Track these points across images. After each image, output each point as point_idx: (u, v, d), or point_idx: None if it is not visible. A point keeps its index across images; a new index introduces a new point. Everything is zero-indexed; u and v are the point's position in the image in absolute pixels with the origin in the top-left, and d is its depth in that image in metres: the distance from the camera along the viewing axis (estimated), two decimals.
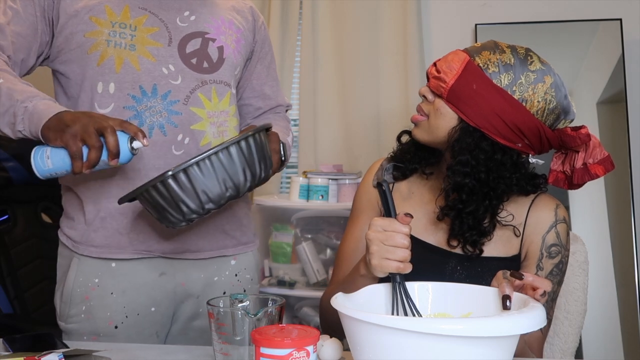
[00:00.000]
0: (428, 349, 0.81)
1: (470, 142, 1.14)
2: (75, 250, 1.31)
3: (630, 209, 2.41)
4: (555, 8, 2.59)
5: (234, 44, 1.39)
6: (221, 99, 1.35)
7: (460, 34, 2.66)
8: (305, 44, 2.71)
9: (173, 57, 1.30)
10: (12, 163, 2.19)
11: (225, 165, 1.07)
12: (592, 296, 2.43)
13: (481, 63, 1.15)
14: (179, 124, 1.28)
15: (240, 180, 1.09)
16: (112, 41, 1.26)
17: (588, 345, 2.38)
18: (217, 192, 1.08)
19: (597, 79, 2.52)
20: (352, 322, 0.87)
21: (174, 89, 1.29)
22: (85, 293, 1.30)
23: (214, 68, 1.34)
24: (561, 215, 1.22)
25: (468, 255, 1.20)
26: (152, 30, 1.29)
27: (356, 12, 2.68)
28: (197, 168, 1.05)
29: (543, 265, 1.18)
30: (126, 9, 1.29)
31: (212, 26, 1.36)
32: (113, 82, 1.26)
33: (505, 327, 0.82)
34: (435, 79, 1.18)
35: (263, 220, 2.53)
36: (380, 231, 1.03)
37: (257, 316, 0.95)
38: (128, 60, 1.26)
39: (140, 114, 1.26)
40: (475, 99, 1.13)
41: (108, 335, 1.29)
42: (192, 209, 1.08)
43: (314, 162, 2.71)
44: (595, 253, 2.44)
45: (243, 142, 1.08)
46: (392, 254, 1.01)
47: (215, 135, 1.33)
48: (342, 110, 2.71)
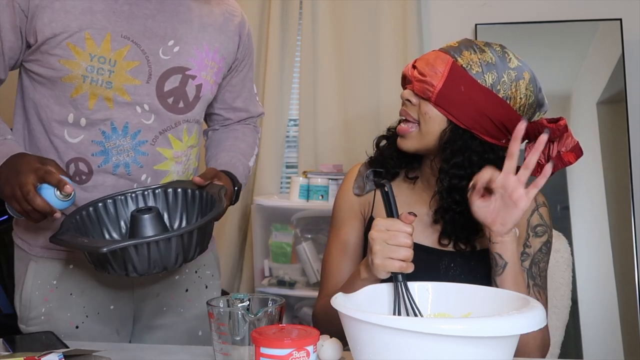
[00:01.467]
0: (428, 349, 0.81)
1: (461, 144, 1.16)
2: (33, 254, 1.30)
3: (630, 209, 2.41)
4: (555, 8, 2.59)
5: (213, 78, 1.34)
6: (190, 136, 1.34)
7: (460, 34, 2.62)
8: (305, 44, 2.71)
9: (149, 96, 1.25)
10: None
11: (162, 251, 1.05)
12: (593, 296, 2.44)
13: (464, 64, 1.16)
14: (144, 164, 1.27)
15: (171, 262, 1.08)
16: (88, 77, 1.21)
17: (588, 345, 2.38)
18: (145, 268, 1.07)
19: (597, 79, 2.52)
20: (352, 322, 0.86)
21: (144, 129, 1.26)
22: (44, 295, 1.29)
23: (189, 108, 1.31)
24: (540, 200, 1.25)
25: (460, 251, 1.21)
26: (132, 64, 1.23)
27: (356, 12, 2.68)
28: (133, 249, 1.04)
29: (531, 244, 1.21)
30: (108, 38, 1.21)
31: (195, 61, 1.30)
32: (84, 118, 1.23)
33: (505, 327, 0.82)
34: (420, 82, 1.17)
35: (263, 220, 2.53)
36: (383, 231, 1.03)
37: (257, 316, 0.95)
38: (102, 98, 1.22)
39: (107, 150, 1.24)
40: (463, 100, 1.14)
41: (69, 335, 1.27)
42: (116, 271, 1.08)
43: (314, 162, 2.71)
44: (595, 253, 2.44)
45: (186, 235, 1.06)
46: (395, 253, 1.02)
47: (180, 173, 1.33)
48: (342, 110, 2.71)
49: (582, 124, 2.52)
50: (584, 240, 2.44)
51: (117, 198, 1.22)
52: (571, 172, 2.50)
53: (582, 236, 2.45)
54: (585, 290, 2.40)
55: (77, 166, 1.25)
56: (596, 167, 2.47)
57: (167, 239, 1.04)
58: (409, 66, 1.22)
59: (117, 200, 1.22)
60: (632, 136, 2.46)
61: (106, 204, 1.21)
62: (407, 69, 1.22)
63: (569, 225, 2.44)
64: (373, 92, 2.66)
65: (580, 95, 2.53)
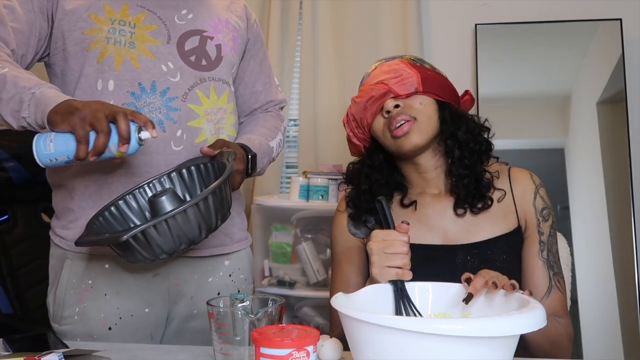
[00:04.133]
0: (428, 349, 0.81)
1: (457, 115, 1.27)
2: (71, 250, 1.31)
3: (630, 209, 2.41)
4: (555, 8, 2.59)
5: (231, 42, 1.40)
6: (220, 96, 1.35)
7: (460, 34, 2.67)
8: (305, 44, 2.71)
9: (172, 55, 1.30)
10: (12, 163, 2.19)
11: (182, 224, 1.06)
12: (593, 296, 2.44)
13: (410, 59, 1.30)
14: (178, 120, 1.29)
15: (196, 234, 1.09)
16: (111, 38, 1.26)
17: (588, 345, 2.38)
18: (171, 246, 1.08)
19: (597, 79, 2.51)
20: (352, 322, 0.86)
21: (173, 86, 1.29)
22: (79, 294, 1.30)
23: (212, 66, 1.35)
24: (538, 181, 1.30)
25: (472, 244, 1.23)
26: (151, 27, 1.30)
27: (356, 12, 2.68)
28: (153, 230, 1.04)
29: (543, 230, 1.25)
30: (125, 7, 1.29)
31: (209, 24, 1.37)
32: (112, 80, 1.26)
33: (505, 327, 0.82)
34: (399, 83, 1.24)
35: (263, 220, 2.52)
36: (380, 241, 1.08)
37: (257, 316, 0.95)
38: (128, 58, 1.26)
39: (139, 110, 1.25)
40: (436, 79, 1.27)
41: (102, 336, 1.28)
42: (147, 257, 1.08)
43: (314, 162, 2.71)
44: (595, 253, 2.44)
45: (202, 202, 1.06)
46: (392, 261, 1.06)
47: (212, 132, 1.34)
48: (342, 110, 2.69)
49: (582, 124, 2.52)
50: (584, 240, 2.44)
51: (136, 192, 1.24)
52: (571, 172, 2.50)
53: (582, 236, 2.44)
54: (585, 290, 2.39)
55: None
56: (596, 167, 2.47)
57: (183, 210, 1.04)
58: (369, 88, 1.26)
59: (136, 193, 1.24)
60: (632, 136, 2.46)
61: (127, 200, 1.22)
62: (372, 90, 1.25)
63: (569, 225, 2.44)
64: None
65: (580, 95, 2.53)
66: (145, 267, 1.32)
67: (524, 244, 1.26)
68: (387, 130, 1.24)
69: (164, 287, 1.34)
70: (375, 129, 1.27)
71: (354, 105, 1.28)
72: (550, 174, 2.46)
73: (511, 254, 1.24)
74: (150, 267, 1.32)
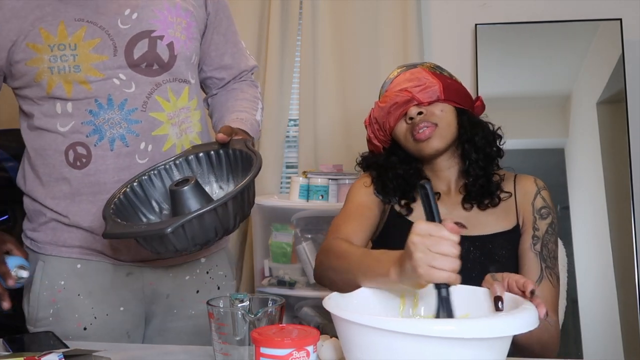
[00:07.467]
0: (419, 351, 0.80)
1: (474, 122, 1.36)
2: (42, 252, 1.31)
3: (630, 209, 2.41)
4: (555, 8, 2.59)
5: (184, 34, 1.31)
6: (179, 97, 1.31)
7: (460, 34, 2.67)
8: (305, 44, 2.71)
9: (121, 67, 1.25)
10: (12, 163, 2.19)
11: (220, 217, 1.05)
12: (593, 296, 2.44)
13: (429, 67, 1.38)
14: (140, 132, 1.26)
15: (230, 225, 1.09)
16: (54, 67, 1.21)
17: (588, 345, 2.38)
18: (203, 238, 1.07)
19: (597, 79, 2.51)
20: (343, 323, 0.86)
21: (130, 97, 1.25)
22: (52, 296, 1.30)
23: (166, 68, 1.29)
24: (541, 184, 1.37)
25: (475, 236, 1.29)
26: (93, 43, 1.23)
27: (356, 12, 2.68)
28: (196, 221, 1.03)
29: (538, 226, 1.31)
30: (62, 26, 1.22)
31: (157, 21, 1.28)
32: (69, 103, 1.24)
33: (496, 328, 0.81)
34: (423, 92, 1.31)
35: (263, 220, 2.52)
36: (426, 236, 0.90)
37: (257, 316, 0.95)
38: (77, 83, 1.23)
39: (99, 127, 1.24)
40: (455, 87, 1.35)
41: (78, 337, 1.28)
42: (177, 249, 1.07)
43: (314, 162, 2.71)
44: (595, 253, 2.44)
45: (239, 195, 1.06)
46: (440, 262, 0.89)
47: (178, 135, 1.31)
48: (342, 110, 2.71)
49: (582, 124, 2.52)
50: (584, 240, 2.44)
51: (142, 179, 1.21)
52: (571, 172, 2.50)
53: (582, 236, 2.44)
54: (585, 290, 2.39)
55: (75, 151, 1.25)
56: (596, 167, 2.47)
57: (224, 203, 1.04)
58: (393, 95, 1.33)
59: (143, 181, 1.21)
60: (632, 136, 2.46)
61: (133, 188, 1.20)
62: (396, 96, 1.33)
63: (569, 225, 2.44)
64: (373, 92, 2.64)
65: (580, 95, 2.53)
66: (118, 267, 1.32)
67: (520, 240, 1.32)
68: (410, 135, 1.33)
69: (138, 285, 1.33)
70: (397, 132, 1.36)
71: (378, 109, 1.36)
72: (550, 174, 2.46)
73: (510, 250, 1.31)
74: (123, 267, 1.32)
